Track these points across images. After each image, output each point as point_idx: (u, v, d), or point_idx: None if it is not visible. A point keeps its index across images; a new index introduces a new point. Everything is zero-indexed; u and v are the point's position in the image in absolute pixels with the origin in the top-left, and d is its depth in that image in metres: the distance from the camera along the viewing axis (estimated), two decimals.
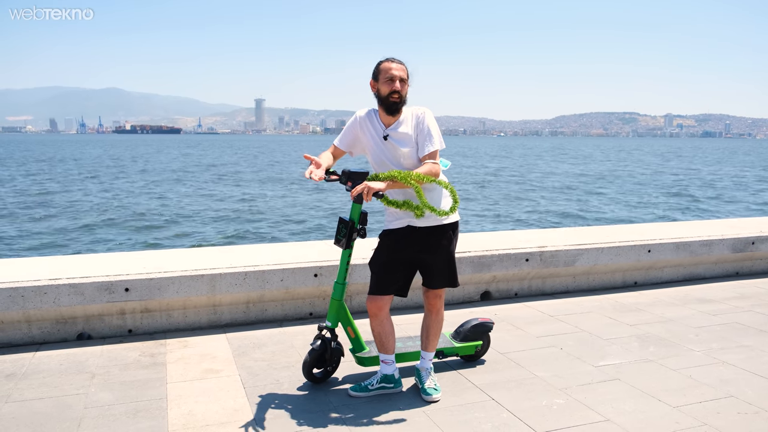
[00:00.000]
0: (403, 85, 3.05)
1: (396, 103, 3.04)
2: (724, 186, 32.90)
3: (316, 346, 3.30)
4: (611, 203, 24.06)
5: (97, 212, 19.38)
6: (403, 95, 3.05)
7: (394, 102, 3.04)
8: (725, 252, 5.99)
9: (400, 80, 3.03)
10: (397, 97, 3.03)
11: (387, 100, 3.05)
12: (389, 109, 3.07)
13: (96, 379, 3.44)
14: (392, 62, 3.07)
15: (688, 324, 4.55)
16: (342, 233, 3.21)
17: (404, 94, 3.06)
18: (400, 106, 3.06)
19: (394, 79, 3.02)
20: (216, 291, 4.25)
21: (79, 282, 3.93)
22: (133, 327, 4.21)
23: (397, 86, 3.02)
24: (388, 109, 3.07)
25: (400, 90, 3.02)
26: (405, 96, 3.07)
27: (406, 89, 3.07)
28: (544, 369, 3.64)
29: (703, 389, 3.36)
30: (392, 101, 3.04)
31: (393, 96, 3.03)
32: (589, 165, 53.16)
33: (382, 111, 3.12)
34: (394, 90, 3.02)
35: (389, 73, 3.03)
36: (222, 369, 3.62)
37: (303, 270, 4.42)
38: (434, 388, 3.23)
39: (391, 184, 2.97)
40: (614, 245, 5.50)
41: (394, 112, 3.07)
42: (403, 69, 3.07)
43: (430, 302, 3.28)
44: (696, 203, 24.64)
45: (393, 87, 3.02)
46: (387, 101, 3.06)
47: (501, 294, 5.23)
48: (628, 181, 34.85)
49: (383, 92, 3.05)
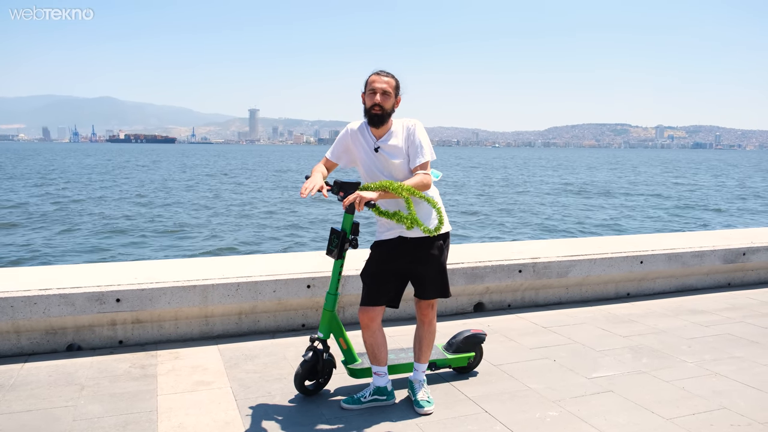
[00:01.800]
0: (386, 98, 3.06)
1: (377, 115, 3.06)
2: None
3: (308, 357, 3.27)
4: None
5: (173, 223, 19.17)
6: (385, 108, 3.06)
7: (375, 114, 3.07)
8: (717, 263, 6.02)
9: (383, 93, 3.05)
10: (378, 109, 3.05)
11: (369, 111, 3.08)
12: (371, 120, 3.10)
13: (85, 390, 3.40)
14: (378, 75, 3.10)
15: (680, 335, 4.56)
16: (334, 244, 3.20)
17: (387, 107, 3.07)
18: (382, 118, 3.08)
19: (376, 91, 3.06)
20: (208, 302, 4.22)
21: (70, 292, 3.89)
22: (124, 338, 4.17)
23: (377, 99, 3.04)
24: (371, 120, 3.10)
25: (381, 103, 3.04)
26: (389, 108, 3.08)
27: (390, 102, 3.08)
28: (537, 381, 3.63)
29: (696, 401, 3.36)
30: (373, 113, 3.07)
31: (374, 108, 3.06)
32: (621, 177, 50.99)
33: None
34: (375, 103, 3.05)
35: (373, 85, 3.08)
36: (213, 381, 3.58)
37: (296, 281, 4.40)
38: (427, 400, 3.21)
39: (383, 194, 2.97)
40: (607, 256, 5.51)
41: (376, 124, 3.09)
42: (389, 82, 3.09)
43: (422, 313, 3.27)
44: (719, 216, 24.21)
45: (374, 100, 3.05)
46: (369, 113, 3.09)
47: (494, 305, 5.23)
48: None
49: (367, 104, 3.09)
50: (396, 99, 3.12)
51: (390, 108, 3.08)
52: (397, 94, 3.13)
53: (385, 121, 3.09)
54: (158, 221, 19.70)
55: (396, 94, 3.12)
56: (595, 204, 27.81)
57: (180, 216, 21.14)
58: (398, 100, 3.15)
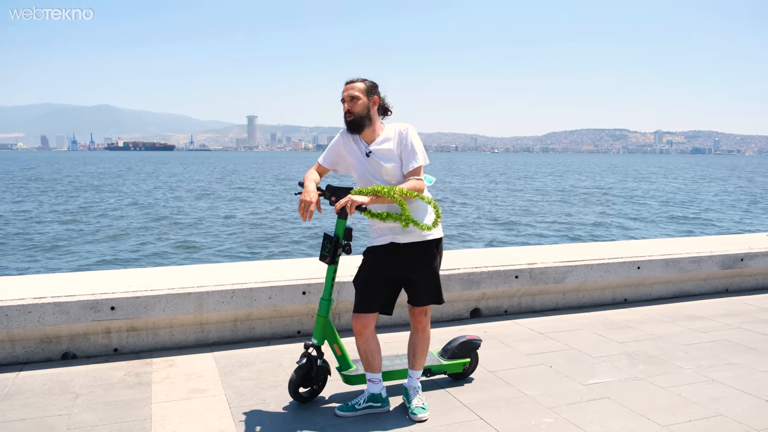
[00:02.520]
0: (354, 103, 3.08)
1: (351, 121, 3.10)
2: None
3: (302, 364, 3.26)
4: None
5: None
6: (355, 112, 3.09)
7: (347, 121, 3.11)
8: (714, 269, 6.01)
9: (351, 99, 3.08)
10: (349, 115, 3.09)
11: (344, 119, 3.13)
12: (349, 127, 3.14)
13: (80, 399, 3.38)
14: (346, 84, 3.15)
15: (677, 341, 4.54)
16: (327, 249, 3.19)
17: (357, 111, 3.09)
18: (357, 122, 3.10)
19: (344, 100, 3.10)
20: (203, 309, 4.21)
21: (65, 301, 3.88)
22: (119, 346, 4.16)
23: (345, 107, 3.09)
24: (349, 128, 3.14)
25: (349, 108, 3.08)
26: (360, 112, 3.10)
27: (361, 105, 3.09)
28: (533, 387, 3.61)
29: (692, 407, 3.35)
30: (347, 120, 3.11)
31: (347, 115, 3.10)
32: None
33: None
34: (345, 110, 3.10)
35: (342, 95, 3.14)
36: (208, 388, 3.57)
37: (291, 288, 4.40)
38: (422, 407, 3.20)
39: (375, 199, 2.97)
40: (604, 262, 5.51)
41: (355, 129, 3.13)
42: (355, 87, 3.11)
43: (416, 320, 3.26)
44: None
45: (344, 108, 3.11)
46: (345, 120, 3.13)
47: (491, 311, 5.22)
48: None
49: (343, 112, 3.14)
50: (371, 99, 3.13)
51: (362, 110, 3.09)
52: (372, 95, 3.13)
53: (361, 125, 3.11)
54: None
55: (369, 95, 3.12)
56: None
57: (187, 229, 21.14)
58: (375, 99, 3.14)
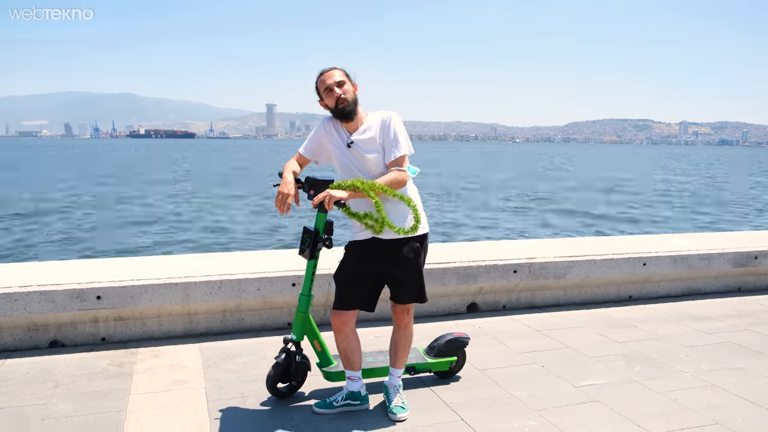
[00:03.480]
0: (345, 89, 2.96)
1: (346, 106, 2.96)
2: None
3: (280, 359, 3.19)
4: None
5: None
6: (348, 97, 2.96)
7: (343, 107, 2.96)
8: (726, 266, 5.79)
9: (338, 84, 2.95)
10: (343, 101, 2.95)
11: (336, 108, 2.97)
12: (343, 115, 2.99)
13: (59, 389, 3.35)
14: (324, 74, 3.00)
15: (679, 342, 4.38)
16: (306, 243, 3.10)
17: (350, 96, 2.96)
18: (350, 108, 2.97)
19: (331, 87, 2.95)
20: (190, 300, 4.16)
21: (50, 289, 3.85)
22: (107, 335, 4.13)
23: (336, 92, 2.94)
24: (342, 115, 2.99)
25: (341, 94, 2.94)
26: (352, 97, 2.98)
27: (349, 90, 2.97)
28: (521, 388, 3.49)
29: (687, 414, 3.20)
30: (341, 107, 2.96)
31: (340, 103, 2.95)
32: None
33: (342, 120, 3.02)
34: (337, 97, 2.95)
35: (325, 84, 2.98)
36: (189, 380, 3.52)
37: (280, 279, 4.32)
38: (401, 406, 3.10)
39: (353, 194, 2.86)
40: (608, 257, 5.33)
41: (349, 116, 2.98)
42: (337, 72, 2.98)
43: (398, 317, 3.15)
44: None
45: (334, 95, 2.95)
46: (337, 110, 2.98)
47: (488, 306, 5.09)
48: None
49: (330, 104, 2.99)
50: (353, 85, 3.02)
51: (352, 96, 2.98)
52: (351, 80, 3.02)
53: (354, 111, 2.99)
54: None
55: (350, 80, 3.01)
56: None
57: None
58: (355, 85, 3.03)
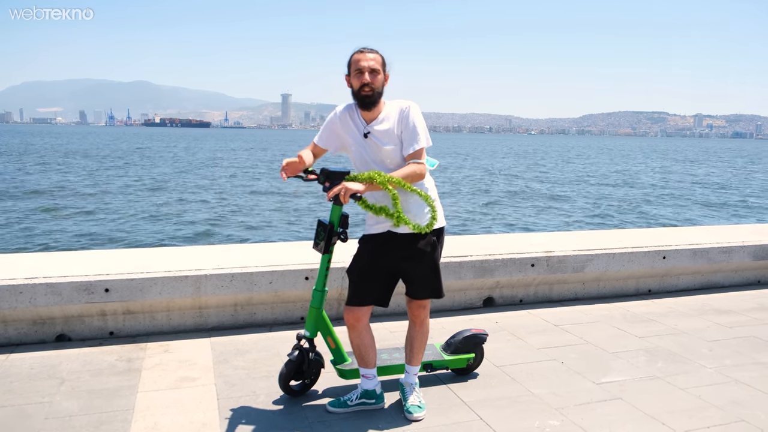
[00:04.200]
0: (374, 77, 2.80)
1: (368, 96, 2.80)
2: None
3: (293, 357, 3.08)
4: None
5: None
6: (375, 87, 2.80)
7: (365, 95, 2.80)
8: (746, 259, 5.64)
9: (371, 71, 2.79)
10: (368, 90, 2.79)
11: (359, 94, 2.83)
12: (362, 103, 2.84)
13: (64, 385, 3.27)
14: (362, 53, 2.82)
15: (701, 337, 4.24)
16: (320, 237, 2.99)
17: (377, 86, 2.81)
18: (373, 99, 2.82)
19: (363, 70, 2.78)
20: (201, 293, 4.07)
21: (57, 282, 3.77)
22: (115, 329, 4.05)
23: (366, 78, 2.78)
24: (362, 103, 2.84)
25: (370, 82, 2.78)
26: (379, 88, 2.82)
27: (379, 80, 2.82)
28: (541, 385, 3.38)
29: (711, 411, 3.07)
30: (363, 95, 2.81)
31: (364, 89, 2.80)
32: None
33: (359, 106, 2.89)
34: (364, 83, 2.78)
35: (358, 65, 2.80)
36: (199, 377, 3.43)
37: (293, 272, 4.22)
38: (418, 405, 3.00)
39: (370, 186, 2.74)
40: (627, 251, 5.19)
41: (368, 106, 2.84)
42: (376, 59, 2.82)
43: (414, 313, 3.04)
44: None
45: (362, 80, 2.78)
46: (359, 95, 2.83)
47: (505, 300, 4.97)
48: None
49: (355, 86, 2.83)
50: (384, 76, 2.86)
51: (380, 86, 2.82)
52: (386, 70, 2.87)
53: (376, 102, 2.84)
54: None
55: (384, 71, 2.86)
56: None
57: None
58: (386, 76, 2.88)
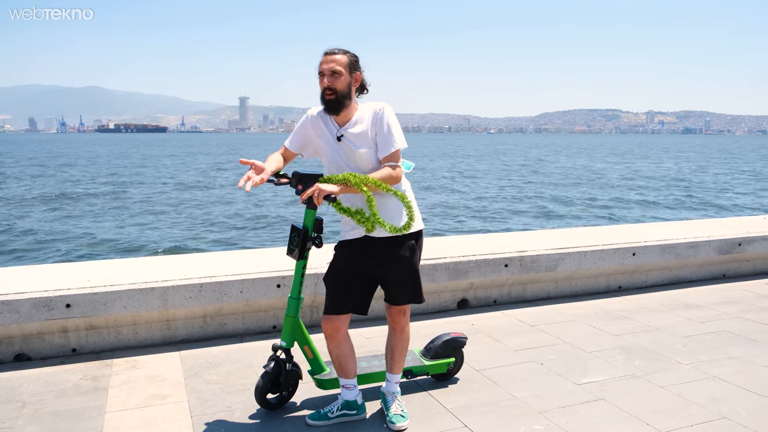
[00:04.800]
0: (336, 79, 2.69)
1: (330, 100, 2.71)
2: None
3: (269, 368, 2.97)
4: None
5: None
6: (337, 89, 2.70)
7: (328, 100, 2.72)
8: (711, 254, 5.76)
9: (331, 74, 2.69)
10: (330, 93, 2.70)
11: (322, 98, 2.75)
12: (327, 107, 2.76)
13: (26, 408, 3.08)
14: (326, 55, 2.73)
15: (675, 333, 4.29)
16: (294, 242, 2.88)
17: (339, 89, 2.71)
18: (337, 102, 2.72)
19: (324, 73, 2.71)
20: (169, 305, 3.90)
21: (13, 299, 3.56)
22: (78, 346, 3.85)
23: (326, 82, 2.69)
24: (326, 107, 2.76)
25: (330, 85, 2.69)
26: (342, 89, 2.72)
27: (342, 82, 2.71)
28: (522, 388, 3.35)
29: (693, 410, 3.09)
30: (326, 99, 2.72)
31: (326, 93, 2.71)
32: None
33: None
34: (325, 86, 2.70)
35: (320, 68, 2.73)
36: (170, 394, 3.28)
37: (264, 281, 4.09)
38: (401, 414, 2.92)
39: (345, 188, 2.65)
40: (598, 248, 5.23)
41: (333, 110, 2.75)
42: (338, 60, 2.71)
43: (393, 320, 2.96)
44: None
45: (323, 83, 2.71)
46: (322, 100, 2.75)
47: (479, 302, 4.94)
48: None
49: (321, 89, 2.74)
50: (353, 77, 2.76)
51: (344, 88, 2.72)
52: (354, 71, 2.77)
53: (342, 105, 2.74)
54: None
55: (352, 71, 2.75)
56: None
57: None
58: (357, 77, 2.78)
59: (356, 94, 2.84)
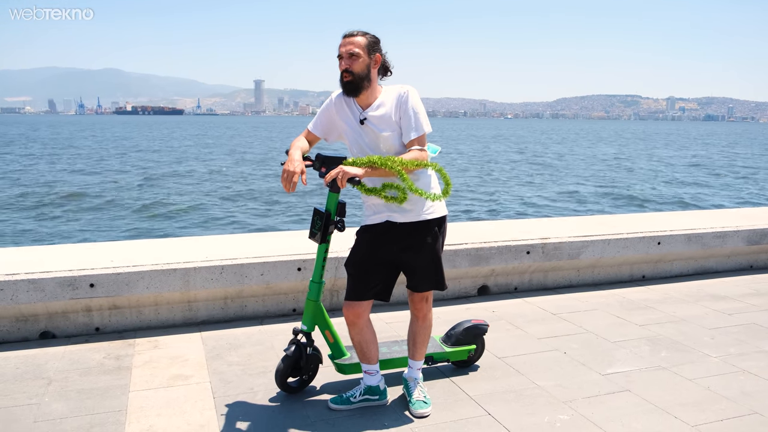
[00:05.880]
0: (353, 61, 2.65)
1: (349, 82, 2.67)
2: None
3: (290, 352, 2.96)
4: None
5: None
6: (355, 72, 2.66)
7: (346, 82, 2.68)
8: (739, 244, 5.63)
9: (349, 56, 2.65)
10: (347, 75, 2.66)
11: (340, 81, 2.71)
12: (345, 90, 2.72)
13: (52, 386, 3.11)
14: (344, 38, 2.70)
15: (701, 324, 4.21)
16: (317, 226, 2.85)
17: (357, 70, 2.66)
18: (355, 84, 2.68)
19: (341, 56, 2.67)
20: (190, 286, 3.91)
21: (39, 277, 3.59)
22: (101, 325, 3.88)
23: (343, 64, 2.66)
24: (344, 90, 2.72)
25: (348, 67, 2.65)
26: (360, 71, 2.67)
27: (360, 64, 2.66)
28: (546, 377, 3.30)
29: (723, 404, 3.02)
30: (344, 81, 2.69)
31: (344, 75, 2.67)
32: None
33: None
34: (343, 69, 2.67)
35: (339, 51, 2.69)
36: (192, 375, 3.29)
37: (285, 263, 4.08)
38: (423, 401, 2.90)
39: (370, 171, 2.61)
40: (622, 237, 5.14)
41: (352, 92, 2.70)
42: (356, 42, 2.67)
43: (416, 306, 2.93)
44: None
45: (341, 66, 2.67)
46: (341, 82, 2.71)
47: (500, 288, 4.89)
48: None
49: (339, 72, 2.71)
50: (372, 59, 2.70)
51: (362, 70, 2.67)
52: (374, 53, 2.71)
53: (360, 87, 2.69)
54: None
55: (371, 53, 2.70)
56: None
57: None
58: (377, 58, 2.72)
59: (379, 76, 2.79)
